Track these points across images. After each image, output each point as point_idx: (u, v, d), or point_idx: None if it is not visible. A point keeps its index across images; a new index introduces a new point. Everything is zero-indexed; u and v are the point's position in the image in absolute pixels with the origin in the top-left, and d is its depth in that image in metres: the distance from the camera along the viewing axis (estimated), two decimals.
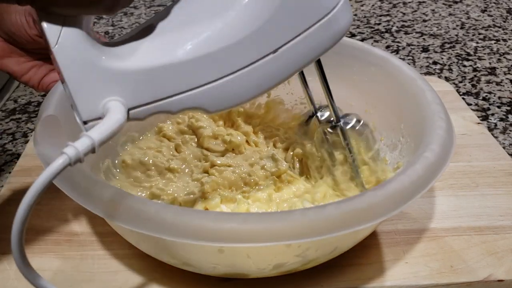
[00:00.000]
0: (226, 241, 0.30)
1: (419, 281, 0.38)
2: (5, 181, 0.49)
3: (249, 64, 0.29)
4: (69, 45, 0.26)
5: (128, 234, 0.37)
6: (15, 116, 0.65)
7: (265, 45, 0.30)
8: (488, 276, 0.38)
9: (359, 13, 0.95)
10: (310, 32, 0.31)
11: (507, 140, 0.58)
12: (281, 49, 0.30)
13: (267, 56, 0.30)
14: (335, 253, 0.37)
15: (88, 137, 0.25)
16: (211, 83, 0.29)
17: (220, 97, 0.30)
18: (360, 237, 0.38)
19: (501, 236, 0.42)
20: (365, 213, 0.31)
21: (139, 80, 0.28)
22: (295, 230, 0.30)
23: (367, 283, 0.38)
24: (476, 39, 0.84)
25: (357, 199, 0.31)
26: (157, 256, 0.37)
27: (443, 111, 0.40)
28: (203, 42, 0.28)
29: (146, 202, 0.31)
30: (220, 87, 0.29)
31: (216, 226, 0.30)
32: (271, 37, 0.30)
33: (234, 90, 0.30)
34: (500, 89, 0.69)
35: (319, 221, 0.30)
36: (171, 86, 0.29)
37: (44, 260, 0.40)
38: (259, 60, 0.30)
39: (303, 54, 0.31)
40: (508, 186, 0.48)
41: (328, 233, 0.30)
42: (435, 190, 0.47)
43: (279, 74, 0.31)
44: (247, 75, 0.30)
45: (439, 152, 0.35)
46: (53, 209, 0.44)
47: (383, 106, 0.47)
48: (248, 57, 0.29)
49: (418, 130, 0.40)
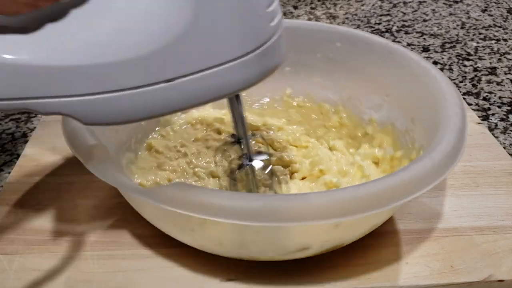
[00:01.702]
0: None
1: (419, 281, 0.38)
2: (5, 181, 0.49)
3: (136, 87, 0.27)
4: None
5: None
6: (15, 116, 0.65)
7: (158, 72, 0.26)
8: (489, 276, 0.38)
9: (360, 12, 0.95)
10: (220, 69, 0.27)
11: (508, 140, 0.58)
12: (178, 81, 0.27)
13: (158, 84, 0.27)
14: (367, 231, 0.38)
15: None
16: (88, 95, 0.26)
17: (96, 111, 0.27)
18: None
19: (502, 236, 0.42)
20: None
21: (6, 73, 0.25)
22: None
23: (367, 283, 0.38)
24: (476, 39, 0.84)
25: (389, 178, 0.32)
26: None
27: (459, 99, 0.40)
28: (90, 51, 0.26)
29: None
30: (98, 102, 0.27)
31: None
32: (166, 66, 0.26)
33: (114, 108, 0.27)
34: (500, 89, 0.69)
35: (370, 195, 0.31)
36: (41, 88, 0.26)
37: (44, 260, 0.40)
38: (149, 85, 0.27)
39: (207, 90, 0.28)
40: (508, 186, 0.47)
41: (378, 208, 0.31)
42: (436, 190, 0.47)
43: (174, 104, 0.28)
44: (133, 97, 0.27)
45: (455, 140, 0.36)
46: (53, 209, 0.44)
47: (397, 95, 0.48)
48: (138, 80, 0.26)
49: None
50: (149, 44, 0.26)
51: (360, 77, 0.51)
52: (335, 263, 0.39)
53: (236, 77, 0.28)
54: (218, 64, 0.27)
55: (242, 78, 0.28)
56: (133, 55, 0.26)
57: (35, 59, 0.25)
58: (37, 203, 0.45)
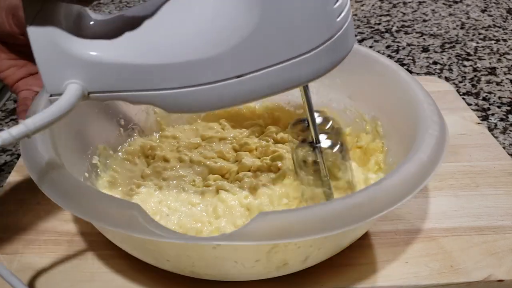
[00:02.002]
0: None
1: (419, 281, 0.38)
2: (5, 181, 0.49)
3: (210, 82, 0.30)
4: (42, 27, 0.29)
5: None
6: (15, 116, 0.65)
7: (227, 69, 0.29)
8: (488, 276, 0.38)
9: (359, 13, 0.95)
10: (288, 65, 0.29)
11: (507, 140, 0.58)
12: (246, 76, 0.29)
13: (229, 79, 0.29)
14: (333, 252, 0.37)
15: (24, 125, 0.28)
16: (171, 89, 0.30)
17: (176, 103, 0.31)
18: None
19: (501, 236, 0.42)
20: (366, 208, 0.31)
21: (100, 71, 0.30)
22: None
23: (367, 283, 0.38)
24: (476, 39, 0.84)
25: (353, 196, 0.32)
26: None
27: (436, 111, 0.40)
28: (171, 52, 0.29)
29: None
30: (179, 95, 0.30)
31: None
32: (236, 63, 0.29)
33: (192, 100, 0.30)
34: (500, 89, 0.69)
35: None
36: (133, 83, 0.30)
37: (44, 260, 0.40)
38: (221, 81, 0.30)
39: (275, 84, 0.30)
40: (508, 186, 0.47)
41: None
42: (435, 190, 0.47)
43: (243, 97, 0.31)
44: (207, 91, 0.30)
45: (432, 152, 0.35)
46: (53, 209, 0.44)
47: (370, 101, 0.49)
48: (212, 76, 0.29)
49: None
50: (220, 45, 0.29)
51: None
52: (335, 262, 0.39)
53: (300, 71, 0.30)
54: (284, 61, 0.29)
55: (307, 72, 0.30)
56: (208, 54, 0.29)
57: (131, 58, 0.29)
58: (37, 202, 0.45)
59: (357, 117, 0.49)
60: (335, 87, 0.50)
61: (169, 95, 0.30)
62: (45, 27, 0.29)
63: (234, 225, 0.41)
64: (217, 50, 0.29)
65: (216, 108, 0.32)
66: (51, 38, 0.29)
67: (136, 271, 0.39)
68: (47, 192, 0.33)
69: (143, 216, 0.30)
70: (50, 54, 0.30)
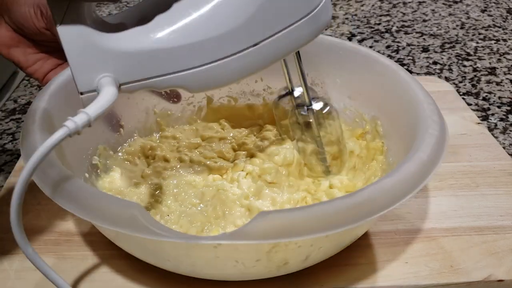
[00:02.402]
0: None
1: (419, 281, 0.38)
2: (5, 181, 0.49)
3: (231, 55, 0.32)
4: (71, 26, 0.30)
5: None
6: (15, 116, 0.65)
7: (246, 39, 0.32)
8: (488, 276, 0.38)
9: (359, 13, 0.95)
10: (292, 29, 0.33)
11: (507, 140, 0.58)
12: (262, 43, 0.33)
13: (248, 48, 0.32)
14: (333, 252, 0.37)
15: (85, 113, 0.29)
16: (195, 68, 0.32)
17: (201, 80, 0.33)
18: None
19: (501, 236, 0.42)
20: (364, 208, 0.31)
21: (132, 61, 0.31)
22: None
23: (367, 283, 0.38)
24: (476, 39, 0.84)
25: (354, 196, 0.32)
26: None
27: (437, 111, 0.40)
28: (190, 33, 0.31)
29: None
30: (203, 73, 0.32)
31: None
32: (253, 32, 0.32)
33: (214, 76, 0.33)
34: (500, 89, 0.69)
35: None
36: (159, 68, 0.32)
37: (44, 260, 0.40)
38: (240, 51, 0.32)
39: (283, 48, 0.34)
40: (508, 186, 0.48)
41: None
42: (435, 190, 0.47)
43: (259, 64, 0.34)
44: (228, 63, 0.32)
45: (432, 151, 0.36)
46: (53, 209, 0.44)
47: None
48: (230, 49, 0.32)
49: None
50: (243, 14, 0.32)
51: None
52: (335, 262, 0.39)
53: (302, 33, 0.34)
54: (290, 24, 0.33)
55: (306, 34, 0.34)
56: (229, 27, 0.32)
57: (156, 44, 0.31)
58: (37, 203, 0.45)
59: (357, 117, 0.49)
60: (335, 87, 0.50)
61: (195, 74, 0.32)
62: (75, 25, 0.30)
63: (234, 225, 0.41)
64: (238, 22, 0.32)
65: (239, 79, 0.34)
66: (82, 36, 0.30)
67: (136, 271, 0.39)
68: (48, 192, 0.33)
69: (144, 215, 0.30)
70: (82, 52, 0.31)
